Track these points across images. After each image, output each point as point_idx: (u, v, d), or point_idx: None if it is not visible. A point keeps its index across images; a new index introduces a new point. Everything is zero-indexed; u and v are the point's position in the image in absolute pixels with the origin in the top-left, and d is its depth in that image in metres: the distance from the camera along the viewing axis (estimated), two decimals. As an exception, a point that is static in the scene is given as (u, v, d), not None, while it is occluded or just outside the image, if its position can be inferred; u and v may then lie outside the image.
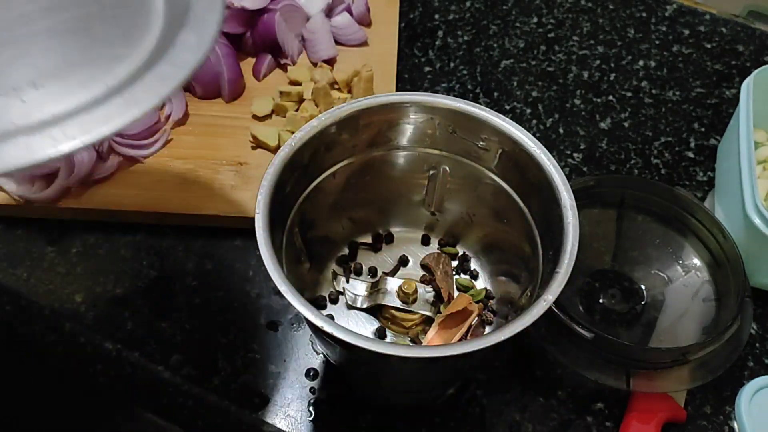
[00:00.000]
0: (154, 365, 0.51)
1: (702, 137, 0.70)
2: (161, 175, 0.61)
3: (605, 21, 0.82)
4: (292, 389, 0.51)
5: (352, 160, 0.50)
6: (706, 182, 0.67)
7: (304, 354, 0.53)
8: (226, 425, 0.49)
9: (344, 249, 0.55)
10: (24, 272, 0.56)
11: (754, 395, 0.51)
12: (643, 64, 0.77)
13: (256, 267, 0.57)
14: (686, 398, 0.52)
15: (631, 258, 0.57)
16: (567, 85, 0.74)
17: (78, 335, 0.53)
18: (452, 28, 0.79)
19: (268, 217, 0.41)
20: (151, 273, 0.57)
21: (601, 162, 0.68)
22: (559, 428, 0.50)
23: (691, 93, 0.75)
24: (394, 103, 0.48)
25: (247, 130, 0.64)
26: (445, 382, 0.49)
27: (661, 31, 0.81)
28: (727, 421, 0.51)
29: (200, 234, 0.59)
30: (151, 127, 0.63)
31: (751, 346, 0.55)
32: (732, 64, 0.78)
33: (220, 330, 0.53)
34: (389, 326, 0.51)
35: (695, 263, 0.56)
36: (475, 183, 0.50)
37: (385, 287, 0.51)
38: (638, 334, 0.53)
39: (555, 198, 0.43)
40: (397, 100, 0.48)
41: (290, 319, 0.54)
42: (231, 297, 0.55)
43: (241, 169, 0.62)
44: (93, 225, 0.59)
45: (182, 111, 0.65)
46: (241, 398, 0.50)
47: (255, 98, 0.66)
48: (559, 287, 0.38)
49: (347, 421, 0.50)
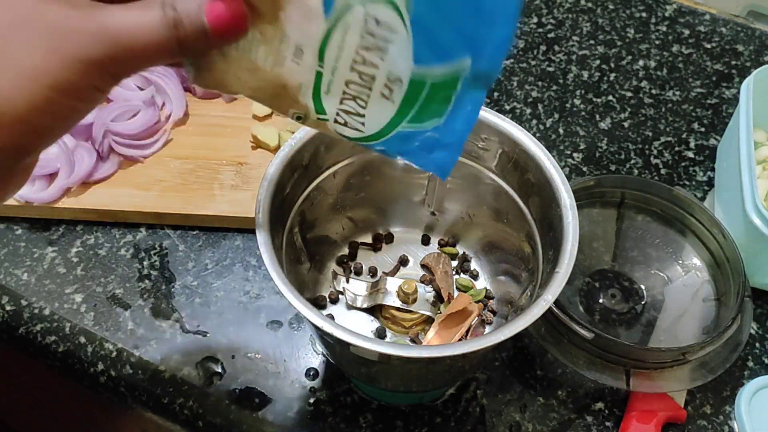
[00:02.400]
0: (154, 365, 0.51)
1: (702, 137, 0.70)
2: (161, 175, 0.61)
3: (605, 21, 0.82)
4: (292, 389, 0.51)
5: (352, 160, 0.50)
6: (706, 182, 0.67)
7: (304, 354, 0.53)
8: (226, 425, 0.49)
9: (344, 249, 0.55)
10: (24, 272, 0.56)
11: (754, 395, 0.51)
12: (643, 64, 0.77)
13: (256, 267, 0.57)
14: (686, 398, 0.52)
15: (631, 258, 0.57)
16: (567, 85, 0.74)
17: (78, 335, 0.53)
18: (452, 28, 0.79)
19: (268, 217, 0.41)
20: (151, 273, 0.57)
21: (601, 162, 0.68)
22: (559, 428, 0.50)
23: (691, 93, 0.75)
24: (394, 103, 0.48)
25: (247, 130, 0.64)
26: (445, 382, 0.49)
27: (661, 31, 0.81)
28: (727, 421, 0.51)
29: (200, 234, 0.59)
30: (151, 127, 0.63)
31: (751, 346, 0.55)
32: (732, 64, 0.78)
33: (220, 330, 0.53)
34: (389, 326, 0.51)
35: (695, 263, 0.56)
36: (475, 183, 0.50)
37: (385, 287, 0.51)
38: (638, 334, 0.53)
39: (555, 198, 0.43)
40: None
41: (290, 319, 0.54)
42: (231, 297, 0.55)
43: (241, 169, 0.62)
44: (93, 225, 0.59)
45: (182, 111, 0.65)
46: (241, 398, 0.50)
47: (255, 98, 0.66)
48: (559, 287, 0.38)
49: (347, 421, 0.50)
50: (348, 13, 0.29)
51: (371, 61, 0.30)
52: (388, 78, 0.31)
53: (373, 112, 0.32)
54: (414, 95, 0.31)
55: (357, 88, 0.31)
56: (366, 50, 0.30)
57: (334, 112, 0.32)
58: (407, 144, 0.33)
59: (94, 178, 0.59)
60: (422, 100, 0.31)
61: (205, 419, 0.50)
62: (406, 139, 0.33)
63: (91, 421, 0.77)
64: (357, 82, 0.31)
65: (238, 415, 0.49)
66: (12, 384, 0.76)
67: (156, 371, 0.51)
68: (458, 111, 0.31)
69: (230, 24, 0.29)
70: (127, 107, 0.63)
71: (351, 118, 0.32)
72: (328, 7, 0.29)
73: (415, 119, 0.32)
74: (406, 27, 0.29)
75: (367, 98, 0.31)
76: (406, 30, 0.29)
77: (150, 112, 0.63)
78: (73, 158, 0.59)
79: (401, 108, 0.31)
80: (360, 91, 0.31)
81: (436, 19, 0.28)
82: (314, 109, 0.33)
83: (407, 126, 0.32)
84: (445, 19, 0.28)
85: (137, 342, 0.53)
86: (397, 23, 0.29)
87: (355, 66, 0.31)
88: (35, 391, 0.75)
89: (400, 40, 0.29)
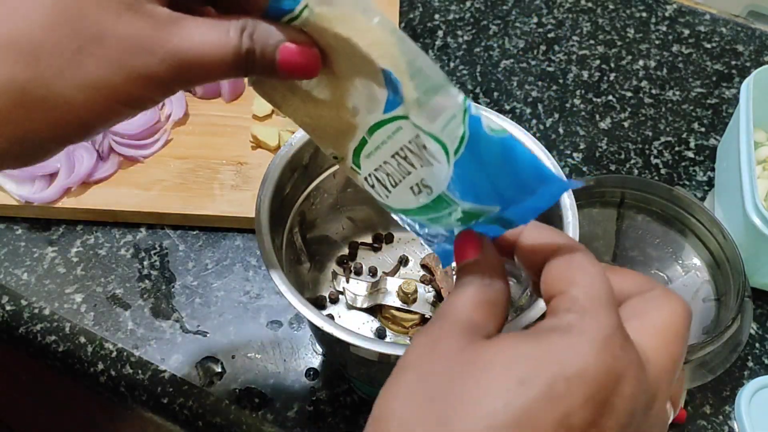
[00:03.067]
0: (154, 365, 0.51)
1: (702, 137, 0.70)
2: (161, 175, 0.61)
3: (605, 21, 0.82)
4: (292, 389, 0.51)
5: (352, 160, 0.50)
6: (706, 182, 0.67)
7: (304, 354, 0.53)
8: (226, 425, 0.49)
9: (344, 249, 0.55)
10: (24, 272, 0.56)
11: (754, 395, 0.51)
12: (643, 64, 0.77)
13: (256, 267, 0.57)
14: (686, 398, 0.52)
15: (631, 258, 0.57)
16: (567, 85, 0.74)
17: (78, 335, 0.53)
18: (452, 28, 0.79)
19: (268, 217, 0.41)
20: (151, 273, 0.57)
21: (601, 162, 0.68)
22: (559, 428, 0.50)
23: (691, 93, 0.75)
24: (394, 103, 0.48)
25: (247, 130, 0.64)
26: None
27: (661, 31, 0.81)
28: (727, 421, 0.51)
29: (200, 234, 0.59)
30: (151, 127, 0.63)
31: (751, 346, 0.55)
32: (732, 64, 0.78)
33: (220, 330, 0.53)
34: (389, 326, 0.51)
35: (695, 263, 0.56)
36: (475, 183, 0.50)
37: (385, 287, 0.51)
38: (638, 334, 0.53)
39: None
40: (397, 100, 0.47)
41: (290, 319, 0.54)
42: (231, 297, 0.55)
43: (241, 169, 0.62)
44: (93, 225, 0.59)
45: (182, 111, 0.65)
46: (241, 398, 0.50)
47: (255, 98, 0.66)
48: (559, 287, 0.38)
49: (347, 421, 0.50)
50: (403, 123, 0.30)
51: (411, 162, 0.31)
52: (421, 181, 0.32)
53: (398, 194, 0.33)
54: (437, 206, 0.32)
55: (392, 170, 0.32)
56: (410, 152, 0.31)
57: (367, 173, 0.34)
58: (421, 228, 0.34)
59: (94, 178, 0.59)
60: (444, 213, 0.32)
61: (205, 419, 0.50)
62: (421, 226, 0.34)
63: (91, 421, 0.77)
64: (394, 167, 0.32)
65: (238, 415, 0.50)
66: (12, 384, 0.76)
67: (156, 371, 0.51)
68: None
69: (300, 70, 0.30)
70: (127, 107, 0.63)
71: (379, 186, 0.34)
72: (388, 109, 0.30)
73: (433, 221, 0.33)
74: (449, 164, 0.29)
75: (398, 182, 0.33)
76: (449, 165, 0.30)
77: (150, 112, 0.63)
78: (73, 158, 0.59)
79: (423, 207, 0.33)
80: (393, 174, 0.33)
81: (479, 172, 0.29)
82: (352, 160, 0.34)
83: (425, 221, 0.33)
84: (488, 177, 0.29)
85: (137, 342, 0.53)
86: (442, 157, 0.29)
87: (397, 157, 0.32)
88: (35, 391, 0.75)
89: (440, 168, 0.30)
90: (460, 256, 0.29)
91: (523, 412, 0.21)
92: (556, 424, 0.21)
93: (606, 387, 0.22)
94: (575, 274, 0.26)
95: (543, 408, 0.21)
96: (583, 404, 0.22)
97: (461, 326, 0.26)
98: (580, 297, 0.25)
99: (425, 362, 0.25)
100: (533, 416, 0.21)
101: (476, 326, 0.26)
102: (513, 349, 0.23)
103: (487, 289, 0.27)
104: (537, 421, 0.21)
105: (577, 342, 0.23)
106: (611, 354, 0.23)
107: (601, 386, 0.22)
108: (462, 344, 0.25)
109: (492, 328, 0.26)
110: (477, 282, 0.27)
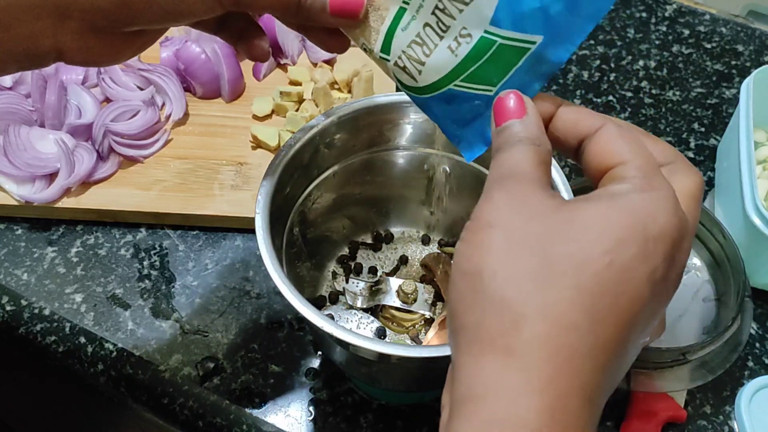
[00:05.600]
0: (154, 365, 0.51)
1: (702, 137, 0.70)
2: (161, 175, 0.61)
3: (605, 21, 0.82)
4: (292, 389, 0.51)
5: (352, 160, 0.50)
6: (706, 182, 0.67)
7: (304, 354, 0.53)
8: (226, 425, 0.49)
9: (344, 248, 0.55)
10: (24, 272, 0.56)
11: (754, 395, 0.51)
12: (643, 64, 0.77)
13: (256, 267, 0.57)
14: (686, 398, 0.52)
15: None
16: (567, 85, 0.74)
17: (78, 335, 0.53)
18: (452, 28, 0.79)
19: (268, 217, 0.41)
20: (151, 273, 0.57)
21: (601, 162, 0.68)
22: (559, 428, 0.50)
23: (691, 93, 0.75)
24: (394, 103, 0.48)
25: (247, 130, 0.64)
26: (445, 382, 0.49)
27: (661, 31, 0.81)
28: (727, 421, 0.51)
29: (200, 234, 0.59)
30: (151, 127, 0.63)
31: (751, 346, 0.55)
32: (732, 64, 0.78)
33: (221, 330, 0.53)
34: (389, 326, 0.51)
35: (695, 263, 0.56)
36: (475, 183, 0.50)
37: (385, 287, 0.51)
38: (638, 334, 0.53)
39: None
40: (397, 100, 0.48)
41: (290, 319, 0.54)
42: (231, 297, 0.55)
43: (241, 169, 0.62)
44: (93, 225, 0.59)
45: (182, 111, 0.65)
46: (241, 398, 0.50)
47: (255, 98, 0.66)
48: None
49: (347, 421, 0.50)
50: None
51: (450, 12, 0.31)
52: (461, 31, 0.31)
53: (433, 63, 0.33)
54: (478, 54, 0.32)
55: (431, 33, 0.32)
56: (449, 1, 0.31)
57: (398, 54, 0.34)
58: (449, 106, 0.34)
59: (94, 178, 0.59)
60: (484, 60, 0.32)
61: (205, 419, 0.50)
62: (450, 101, 0.33)
63: (91, 421, 0.77)
64: (433, 28, 0.32)
65: (238, 415, 0.49)
66: (12, 384, 0.76)
67: (156, 371, 0.51)
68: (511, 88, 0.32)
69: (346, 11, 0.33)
70: (127, 107, 0.63)
71: (411, 64, 0.33)
72: None
73: (470, 78, 0.32)
74: None
75: (434, 47, 0.32)
76: None
77: (150, 112, 0.63)
78: (73, 158, 0.59)
79: (462, 62, 0.32)
80: (431, 37, 0.32)
81: None
82: (381, 47, 0.34)
83: (460, 84, 0.33)
84: None
85: (137, 342, 0.53)
86: None
87: (436, 11, 0.32)
88: (35, 391, 0.75)
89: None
90: (504, 116, 0.30)
91: (624, 271, 0.24)
92: (645, 278, 0.24)
93: (675, 244, 0.26)
94: (630, 146, 0.28)
95: (637, 266, 0.24)
96: (663, 260, 0.25)
97: (540, 185, 0.27)
98: (643, 165, 0.27)
99: (516, 219, 0.26)
100: (631, 274, 0.24)
101: (548, 185, 0.28)
102: (607, 209, 0.25)
103: (540, 149, 0.28)
104: (633, 279, 0.24)
105: (656, 202, 0.26)
106: (680, 214, 0.26)
107: (674, 243, 0.25)
108: (555, 203, 0.26)
109: (550, 187, 0.28)
110: (530, 142, 0.28)
